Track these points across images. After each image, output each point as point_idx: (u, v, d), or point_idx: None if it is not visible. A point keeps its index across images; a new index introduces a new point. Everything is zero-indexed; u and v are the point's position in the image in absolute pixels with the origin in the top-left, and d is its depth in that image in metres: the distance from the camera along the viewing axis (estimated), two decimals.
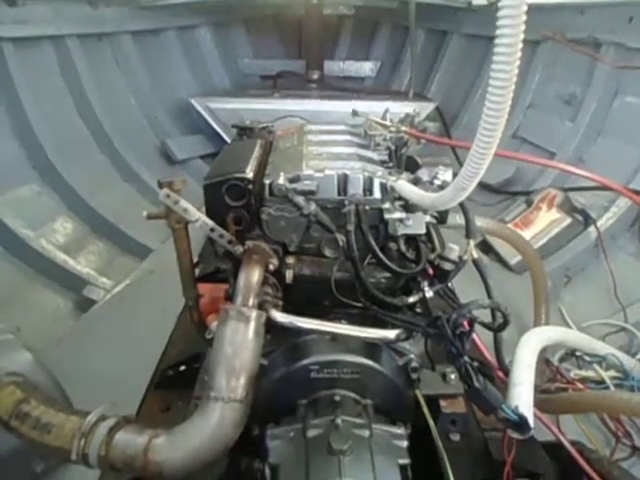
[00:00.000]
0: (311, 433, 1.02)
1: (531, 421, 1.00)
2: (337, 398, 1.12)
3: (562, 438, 1.24)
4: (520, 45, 0.67)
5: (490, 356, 1.56)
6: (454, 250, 1.19)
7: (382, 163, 1.51)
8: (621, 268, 2.51)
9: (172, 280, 1.36)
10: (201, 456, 0.93)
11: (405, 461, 1.00)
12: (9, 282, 2.48)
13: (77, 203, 3.02)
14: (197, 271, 1.38)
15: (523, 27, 0.65)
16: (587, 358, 1.95)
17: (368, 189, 1.25)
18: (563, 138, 3.33)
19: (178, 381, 1.50)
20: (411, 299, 1.16)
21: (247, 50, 5.77)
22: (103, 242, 3.02)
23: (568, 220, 2.81)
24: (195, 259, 1.39)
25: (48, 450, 0.95)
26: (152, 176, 3.48)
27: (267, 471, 0.99)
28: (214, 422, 0.93)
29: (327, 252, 1.26)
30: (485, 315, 1.15)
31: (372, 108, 2.07)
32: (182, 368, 1.55)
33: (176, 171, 3.99)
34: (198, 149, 4.32)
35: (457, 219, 1.38)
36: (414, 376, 1.18)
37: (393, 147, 1.64)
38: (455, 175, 0.93)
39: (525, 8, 0.64)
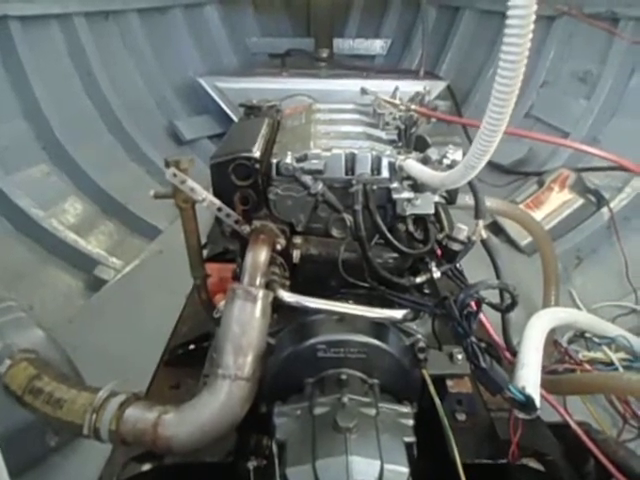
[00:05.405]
0: (318, 411, 1.02)
1: (538, 401, 1.00)
2: (344, 377, 1.12)
3: (569, 418, 1.24)
4: (533, 19, 0.65)
5: (498, 337, 1.55)
6: (463, 230, 1.17)
7: (391, 142, 1.48)
8: (634, 250, 2.47)
9: (181, 260, 1.37)
10: (209, 432, 0.95)
11: (411, 439, 1.00)
12: (21, 261, 2.52)
13: (86, 183, 3.04)
14: (205, 252, 1.38)
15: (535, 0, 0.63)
16: (596, 340, 1.94)
17: (376, 168, 1.24)
18: (577, 117, 3.25)
19: (187, 359, 1.53)
20: (419, 279, 1.15)
21: (255, 28, 5.69)
22: (113, 222, 3.05)
23: (580, 201, 2.77)
24: (203, 240, 1.39)
25: (60, 424, 0.98)
26: (160, 156, 3.48)
27: (274, 447, 1.01)
28: (222, 399, 0.95)
29: (334, 232, 1.25)
30: (494, 296, 1.15)
31: (382, 87, 2.04)
32: (191, 347, 1.57)
33: (184, 151, 3.99)
34: (206, 129, 4.31)
35: (466, 199, 1.36)
36: (421, 356, 1.18)
37: (402, 126, 1.61)
38: (465, 154, 0.91)
39: None
